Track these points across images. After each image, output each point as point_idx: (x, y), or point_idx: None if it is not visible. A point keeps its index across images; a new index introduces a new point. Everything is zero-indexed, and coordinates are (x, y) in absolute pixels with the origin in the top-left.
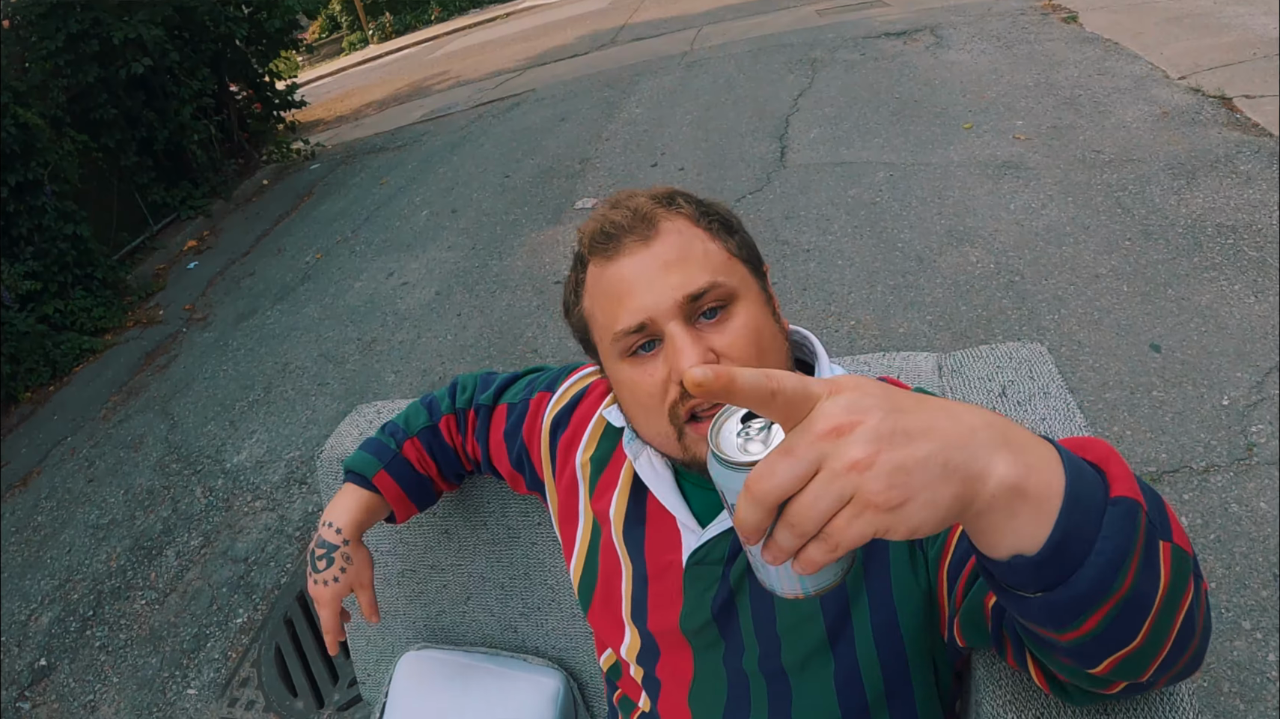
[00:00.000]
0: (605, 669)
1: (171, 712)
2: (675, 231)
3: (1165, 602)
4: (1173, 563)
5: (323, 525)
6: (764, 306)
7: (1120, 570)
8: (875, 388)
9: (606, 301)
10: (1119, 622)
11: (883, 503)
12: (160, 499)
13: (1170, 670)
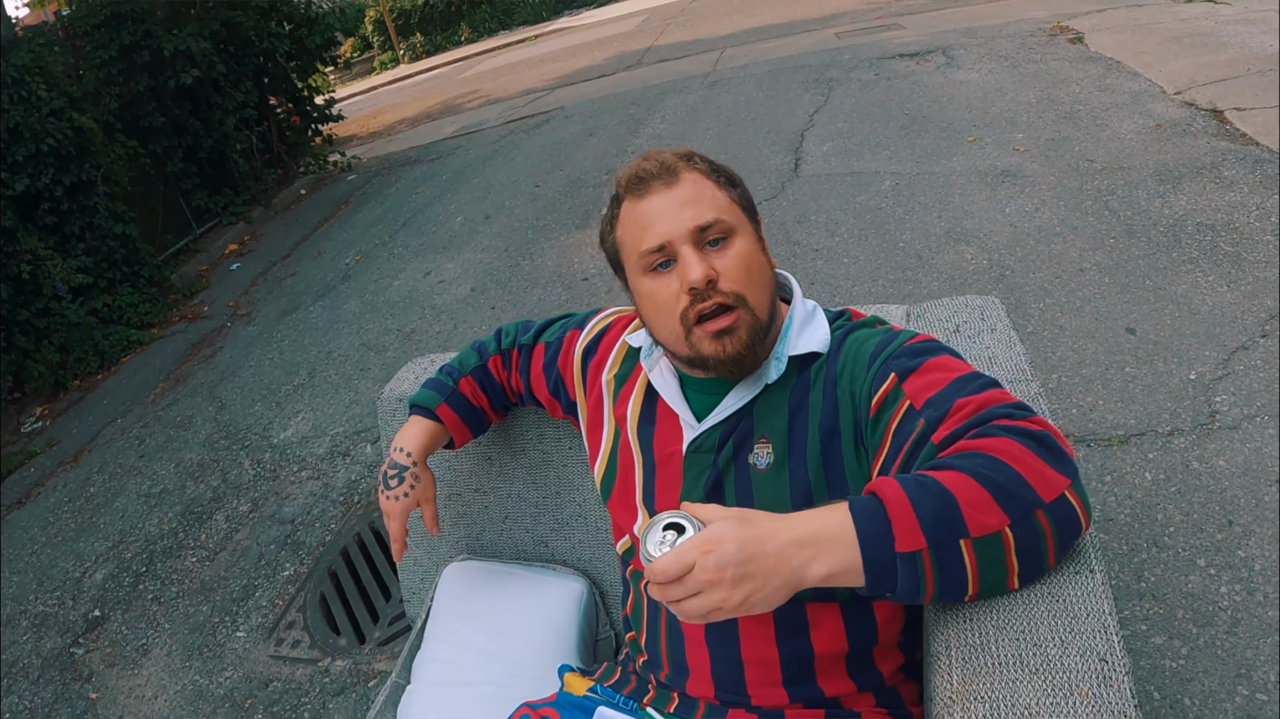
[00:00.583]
0: (621, 553)
1: (221, 651)
2: (692, 180)
3: (982, 571)
4: (976, 550)
5: (394, 450)
6: (756, 243)
7: (920, 588)
8: (733, 548)
9: (636, 229)
10: (945, 595)
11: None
12: (210, 471)
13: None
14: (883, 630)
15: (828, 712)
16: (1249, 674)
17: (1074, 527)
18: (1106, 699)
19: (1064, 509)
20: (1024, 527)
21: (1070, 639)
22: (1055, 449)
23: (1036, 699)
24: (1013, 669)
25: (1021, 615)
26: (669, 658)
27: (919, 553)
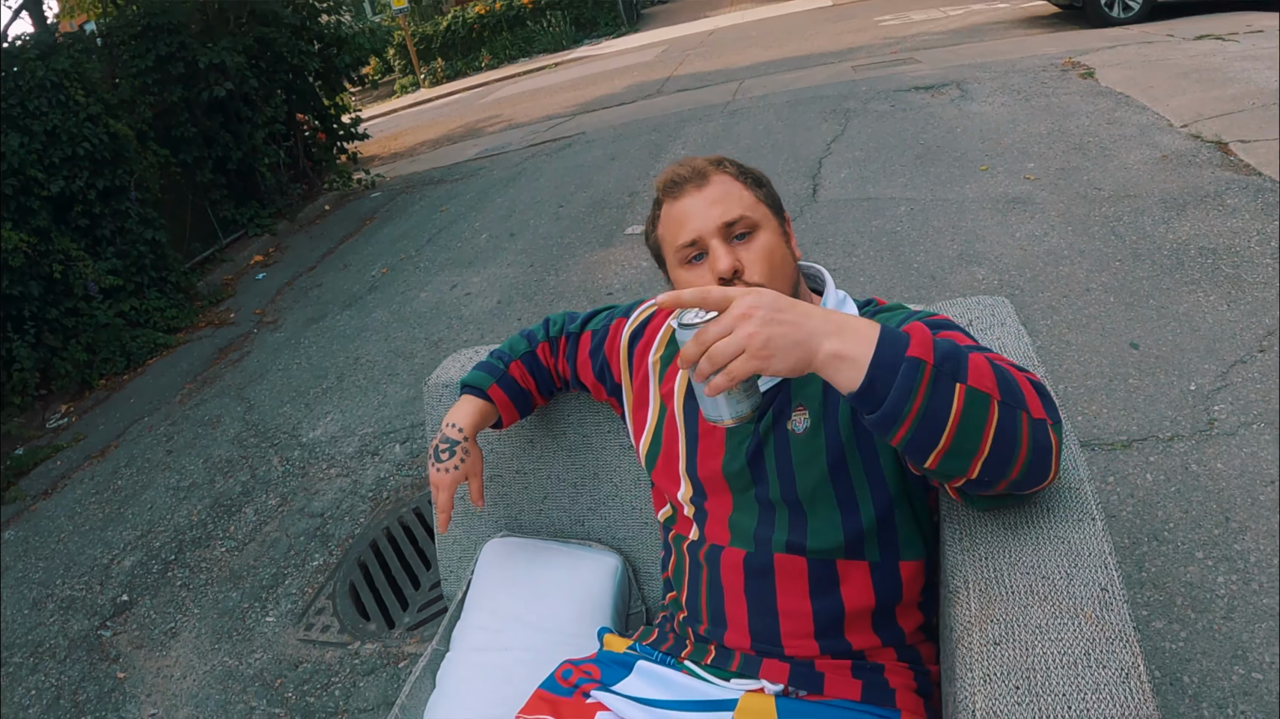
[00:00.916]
0: (663, 520)
1: (250, 635)
2: (720, 182)
3: (961, 420)
4: (965, 396)
5: (446, 426)
6: (779, 237)
7: (908, 399)
8: (771, 297)
9: (673, 226)
10: (921, 430)
11: (759, 355)
12: (239, 467)
13: (1006, 476)
14: (906, 589)
15: (854, 663)
16: (1245, 655)
17: (1046, 459)
18: (1108, 620)
19: (1043, 435)
20: (1009, 413)
21: (1075, 573)
22: (1050, 397)
23: (1046, 620)
24: (1024, 597)
25: (1031, 554)
26: (708, 612)
27: (924, 364)
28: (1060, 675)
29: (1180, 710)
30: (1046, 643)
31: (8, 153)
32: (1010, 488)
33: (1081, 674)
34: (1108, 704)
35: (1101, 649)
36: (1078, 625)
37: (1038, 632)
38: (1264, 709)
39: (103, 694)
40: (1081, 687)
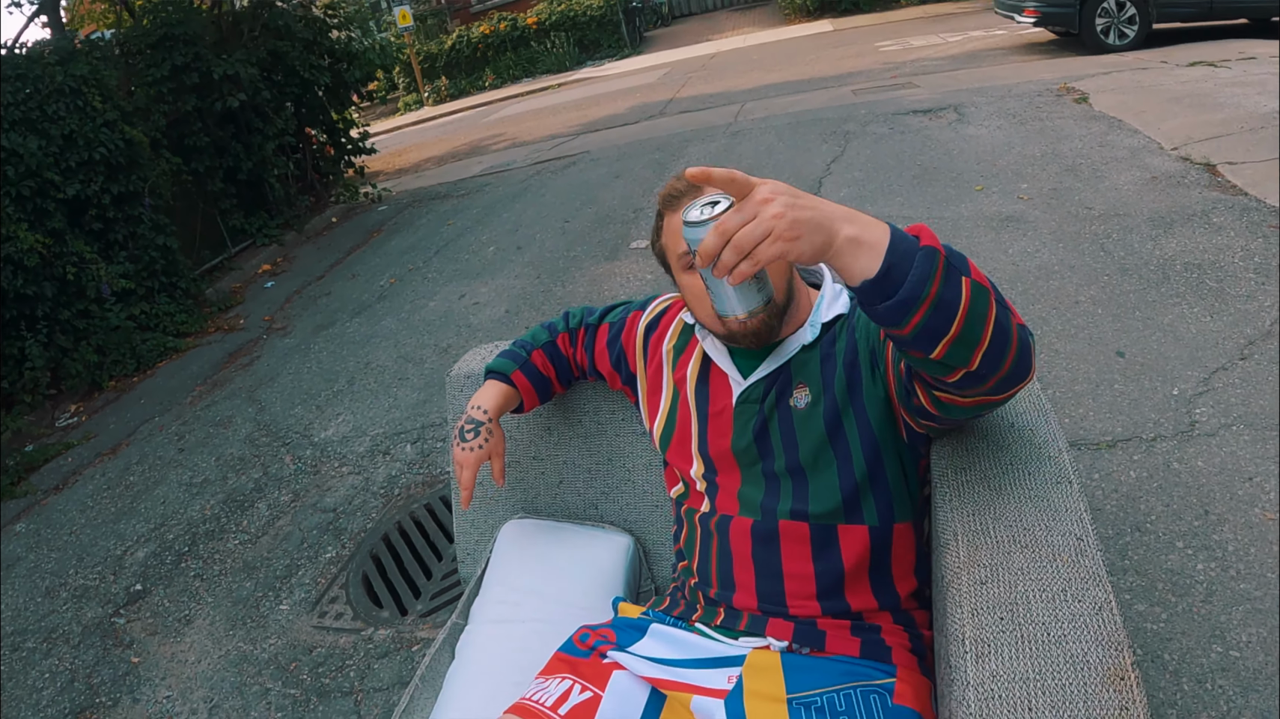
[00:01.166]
0: (675, 497)
1: (265, 622)
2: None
3: (969, 309)
4: (971, 288)
5: (471, 408)
6: None
7: (926, 284)
8: (786, 185)
9: (673, 236)
10: (935, 316)
11: (785, 237)
12: (251, 465)
13: (998, 371)
14: (899, 553)
15: (853, 623)
16: (1223, 635)
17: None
18: (1082, 564)
19: (1025, 338)
20: (1002, 309)
21: (1053, 525)
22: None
23: (1027, 564)
24: (1007, 545)
25: (1013, 510)
26: (718, 576)
27: (937, 253)
28: (1040, 608)
29: (1161, 684)
30: (1028, 582)
31: (26, 155)
32: (997, 384)
33: (1059, 607)
34: (1083, 631)
35: (1077, 587)
36: (1056, 568)
37: (1020, 573)
38: (1240, 683)
39: (117, 678)
40: (1059, 617)
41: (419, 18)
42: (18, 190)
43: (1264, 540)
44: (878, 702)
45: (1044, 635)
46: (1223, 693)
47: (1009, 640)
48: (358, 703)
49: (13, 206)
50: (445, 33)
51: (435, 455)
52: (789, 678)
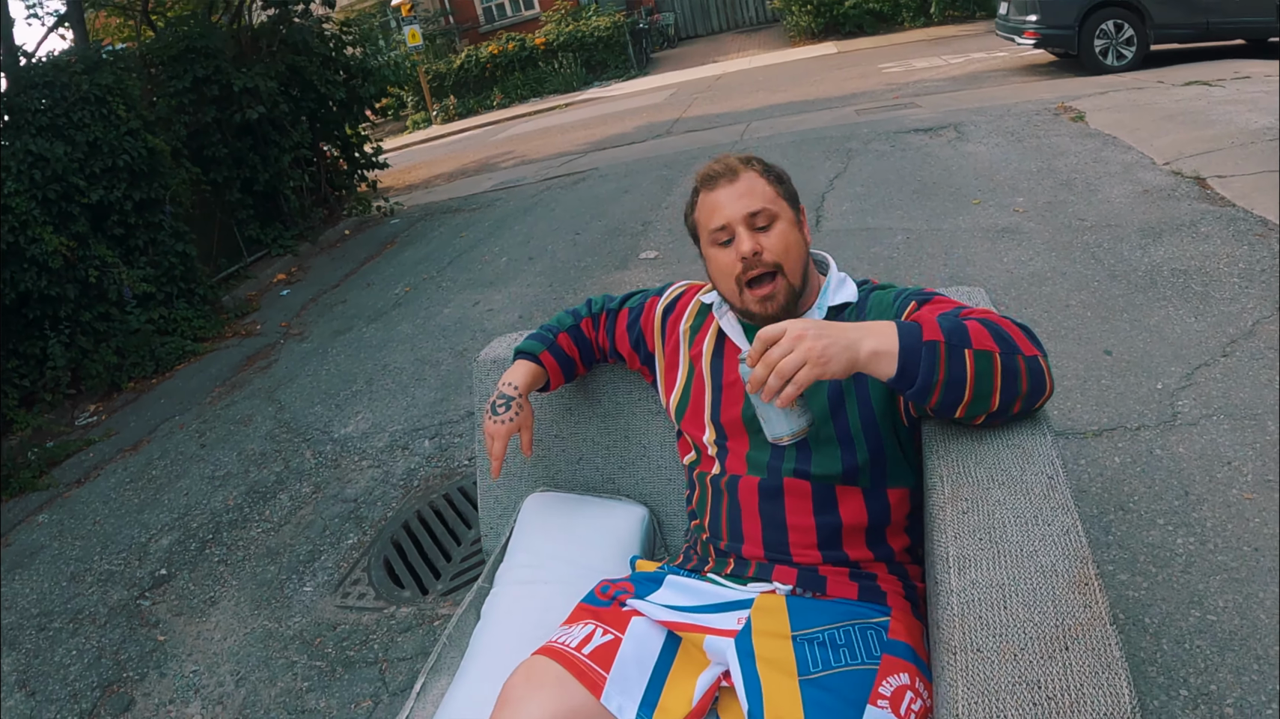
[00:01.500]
0: (688, 463)
1: (289, 603)
2: (748, 179)
3: (975, 376)
4: (974, 358)
5: (502, 384)
6: (794, 226)
7: (934, 372)
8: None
9: (707, 213)
10: (949, 392)
11: (818, 362)
12: (272, 459)
13: (1014, 404)
14: (894, 512)
15: (851, 570)
16: (1200, 601)
17: (1042, 382)
18: (1052, 497)
19: (1036, 365)
20: (1008, 359)
21: (1027, 466)
22: (1033, 334)
23: (1003, 497)
24: (986, 483)
25: (992, 455)
26: (728, 529)
27: (937, 343)
28: (1015, 531)
29: (1142, 645)
30: (1004, 511)
31: (53, 159)
32: (1021, 409)
33: (1031, 531)
34: (1052, 548)
35: (1047, 514)
36: (1029, 500)
37: (997, 504)
38: (1217, 644)
39: (144, 654)
40: (1031, 537)
41: (428, 37)
42: (44, 194)
43: (1241, 518)
44: (874, 636)
45: (1017, 552)
46: (1200, 652)
47: (986, 556)
48: (382, 671)
49: (39, 209)
50: (454, 52)
51: (453, 450)
52: (793, 617)
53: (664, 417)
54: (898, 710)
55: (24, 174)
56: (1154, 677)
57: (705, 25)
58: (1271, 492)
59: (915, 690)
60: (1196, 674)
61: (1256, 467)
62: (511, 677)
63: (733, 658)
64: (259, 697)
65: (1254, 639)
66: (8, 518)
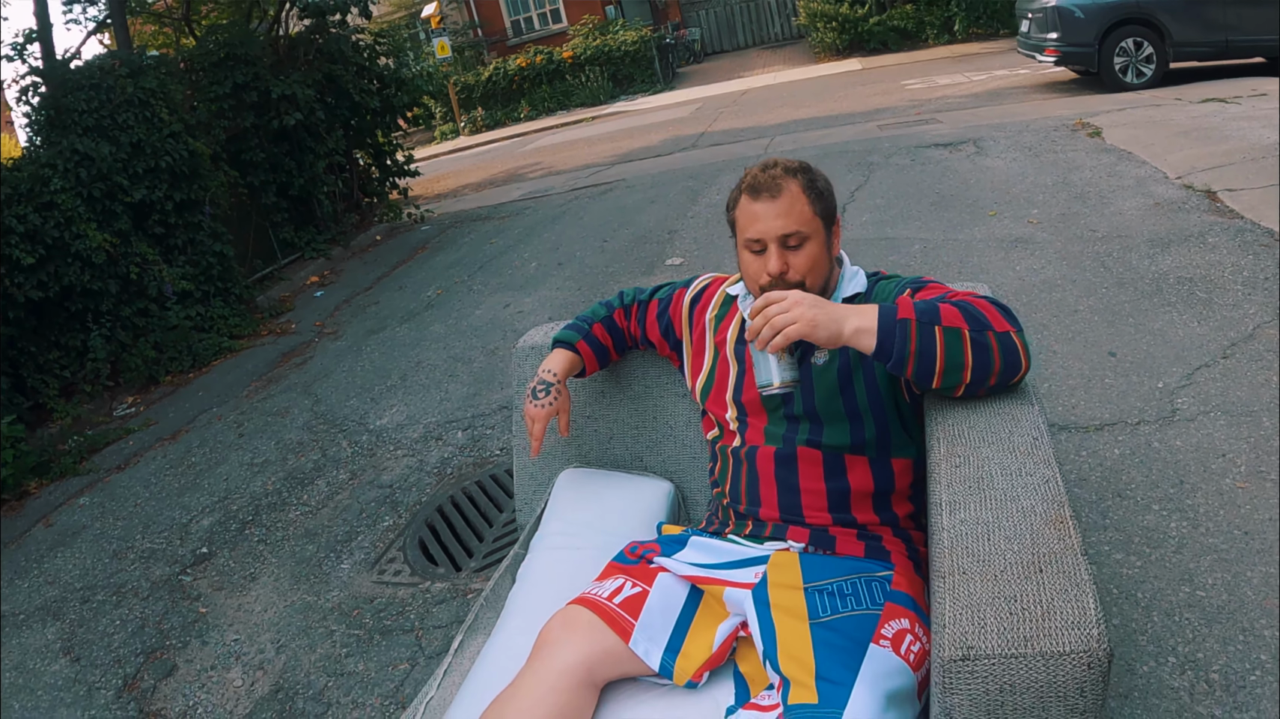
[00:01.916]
0: (711, 439)
1: (327, 579)
2: (789, 195)
3: (945, 349)
4: (943, 334)
5: (542, 371)
6: (823, 247)
7: (906, 344)
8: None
9: (746, 219)
10: (921, 363)
11: (807, 325)
12: (310, 448)
13: (989, 378)
14: (898, 480)
15: (859, 531)
16: (1191, 578)
17: (1015, 356)
18: (1036, 453)
19: (1009, 341)
20: (978, 334)
21: (1015, 429)
22: (1010, 312)
23: (992, 454)
24: (978, 442)
25: (984, 421)
26: (746, 494)
27: (909, 321)
28: (1000, 481)
29: (1134, 617)
30: (992, 465)
31: (98, 159)
32: (998, 382)
33: (1014, 480)
34: (1032, 494)
35: (1029, 468)
36: (1015, 456)
37: (986, 459)
38: (1205, 617)
39: (186, 624)
40: (1014, 486)
41: (456, 49)
42: (89, 191)
43: (1233, 505)
44: (878, 587)
45: (1001, 496)
46: (1189, 624)
47: (974, 500)
48: (418, 638)
49: (84, 206)
50: (482, 64)
51: (485, 441)
52: (805, 571)
53: (689, 399)
54: (898, 650)
55: (70, 172)
56: (1144, 645)
57: (731, 41)
58: (1263, 482)
59: (915, 634)
60: (1185, 644)
61: (1250, 459)
62: (548, 623)
63: (750, 608)
64: (299, 662)
65: (1241, 613)
66: (49, 500)
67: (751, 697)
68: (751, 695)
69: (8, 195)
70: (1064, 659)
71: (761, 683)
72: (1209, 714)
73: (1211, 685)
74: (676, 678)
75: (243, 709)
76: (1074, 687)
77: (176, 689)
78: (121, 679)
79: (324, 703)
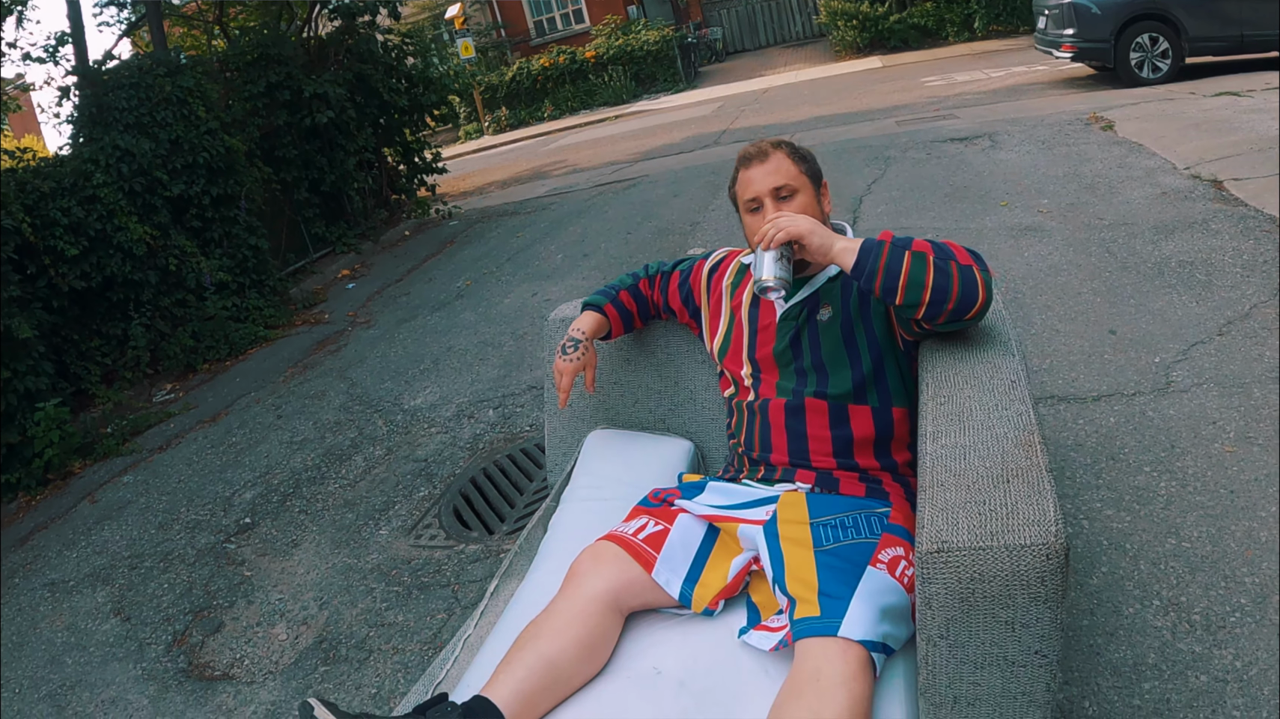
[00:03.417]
0: (728, 395)
1: (366, 543)
2: (776, 159)
3: (909, 270)
4: (910, 258)
5: (572, 330)
6: (813, 199)
7: (876, 261)
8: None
9: (742, 186)
10: (888, 278)
11: (804, 232)
12: (346, 427)
13: (947, 303)
14: (896, 429)
15: (861, 474)
16: (1178, 531)
17: (973, 289)
18: (1013, 394)
19: (969, 273)
20: (941, 262)
21: (995, 374)
22: (979, 256)
23: (974, 394)
24: (961, 385)
25: (968, 368)
26: (759, 442)
27: (884, 243)
28: (979, 413)
29: (1121, 565)
30: (973, 403)
31: (139, 154)
32: (956, 307)
33: (991, 413)
34: (1005, 424)
35: (1005, 404)
36: (994, 396)
37: (968, 398)
38: (1189, 565)
39: (232, 586)
40: (990, 417)
41: (480, 50)
42: (130, 186)
43: (1220, 467)
44: (877, 520)
45: (978, 425)
46: (1173, 572)
47: (955, 429)
48: (454, 591)
49: (125, 200)
50: (505, 65)
51: (515, 418)
52: (811, 509)
53: (708, 365)
54: (893, 573)
55: (112, 167)
56: (1130, 590)
57: (753, 40)
58: (1251, 446)
59: (909, 561)
60: (1169, 589)
61: (1239, 426)
62: (578, 557)
63: (761, 541)
64: (341, 616)
65: (1223, 563)
66: (93, 479)
67: (762, 619)
68: (762, 618)
69: (52, 189)
70: (1025, 551)
71: (771, 609)
72: (1189, 650)
73: (1193, 625)
74: (694, 605)
75: (288, 659)
76: (1035, 576)
77: (224, 644)
78: (171, 635)
79: (365, 650)
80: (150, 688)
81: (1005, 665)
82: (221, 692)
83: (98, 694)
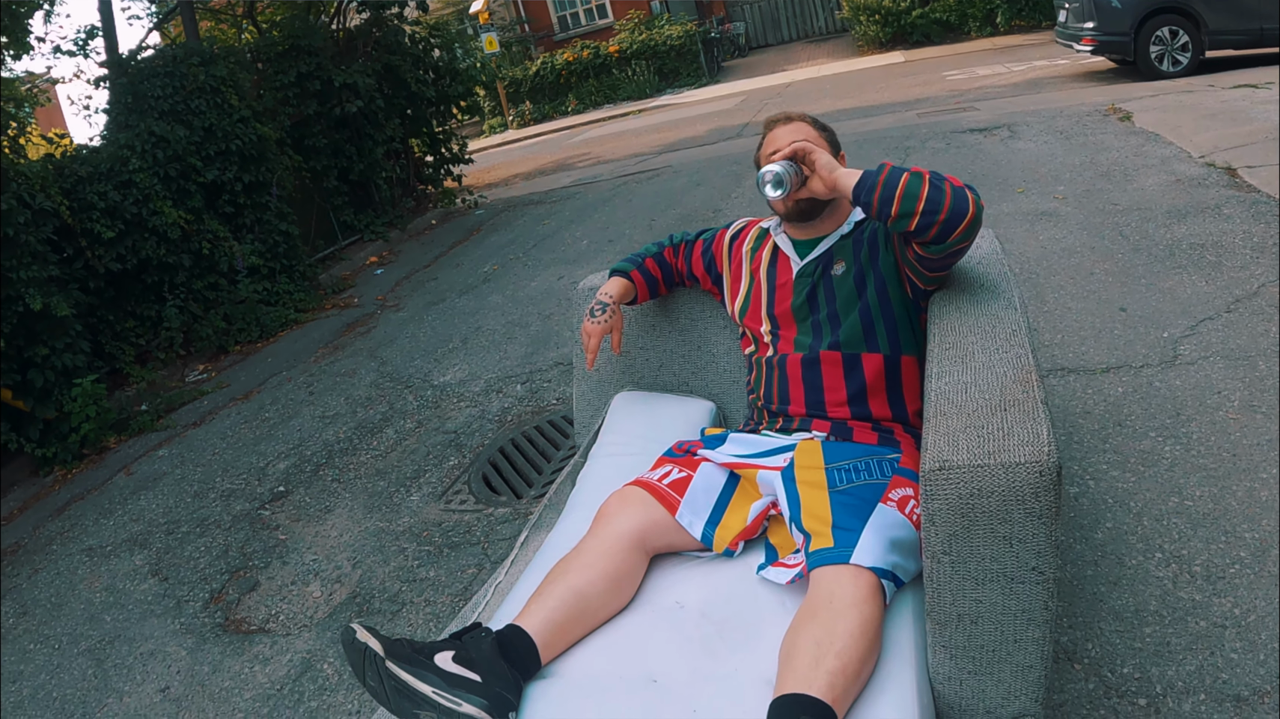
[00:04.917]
0: (748, 353)
1: (398, 508)
2: (799, 123)
3: (905, 187)
4: (909, 177)
5: (600, 294)
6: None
7: (876, 178)
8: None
9: (768, 145)
10: (884, 194)
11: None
12: (377, 402)
13: (939, 215)
14: (905, 376)
15: (873, 424)
16: (1180, 491)
17: (964, 201)
18: (1014, 341)
19: (961, 192)
20: (936, 181)
21: (997, 325)
22: (971, 186)
23: (977, 340)
24: (965, 333)
25: (972, 319)
26: (778, 394)
27: (885, 166)
28: (980, 356)
29: (1125, 521)
30: (976, 348)
31: (174, 141)
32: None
33: (992, 356)
34: (1005, 364)
35: (1005, 349)
36: (995, 342)
37: (971, 344)
38: (1190, 522)
39: (267, 549)
40: (991, 360)
41: (504, 44)
42: (165, 171)
43: (1224, 432)
44: (888, 464)
45: (980, 365)
46: (1176, 527)
47: (957, 369)
48: (484, 549)
49: (160, 185)
50: (530, 59)
51: (542, 393)
52: (827, 455)
53: (730, 330)
54: (903, 510)
55: (148, 153)
56: (1133, 543)
57: (775, 35)
58: (1254, 414)
59: (917, 500)
60: (1171, 543)
61: (1244, 395)
62: (606, 501)
63: (779, 486)
64: (374, 574)
65: (1224, 520)
66: (128, 453)
67: (779, 558)
68: (780, 556)
69: (90, 173)
70: (1019, 468)
71: (788, 548)
72: (1189, 599)
73: (1194, 576)
74: (715, 546)
75: (323, 613)
76: (1029, 491)
77: (260, 601)
78: (208, 593)
79: (398, 603)
80: (188, 641)
81: (1005, 582)
82: (258, 643)
83: (136, 648)
